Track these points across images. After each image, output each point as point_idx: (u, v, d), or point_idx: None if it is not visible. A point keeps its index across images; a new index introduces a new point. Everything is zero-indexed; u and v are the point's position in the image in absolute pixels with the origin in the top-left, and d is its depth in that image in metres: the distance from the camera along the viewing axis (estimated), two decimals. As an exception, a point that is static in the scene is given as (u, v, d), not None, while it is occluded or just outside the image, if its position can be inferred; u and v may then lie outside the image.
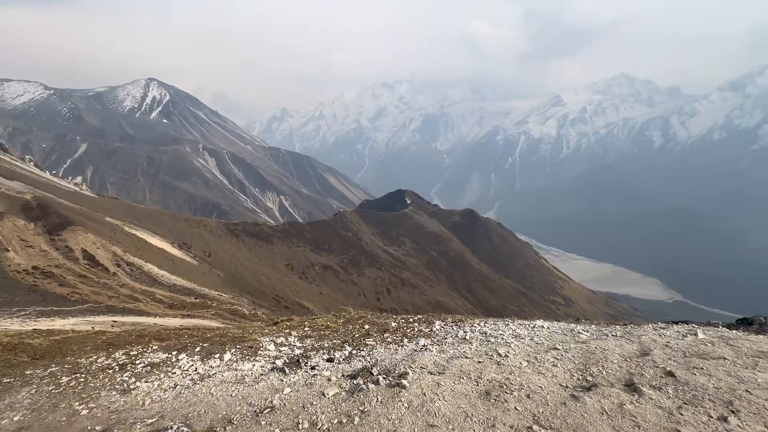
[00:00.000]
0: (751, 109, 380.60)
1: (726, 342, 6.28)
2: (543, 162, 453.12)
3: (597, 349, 5.55)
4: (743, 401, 3.82)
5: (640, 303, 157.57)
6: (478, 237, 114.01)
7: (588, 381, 4.48)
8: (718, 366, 4.84)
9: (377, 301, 72.60)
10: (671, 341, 6.18)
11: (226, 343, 7.56)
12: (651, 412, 3.68)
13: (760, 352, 5.78)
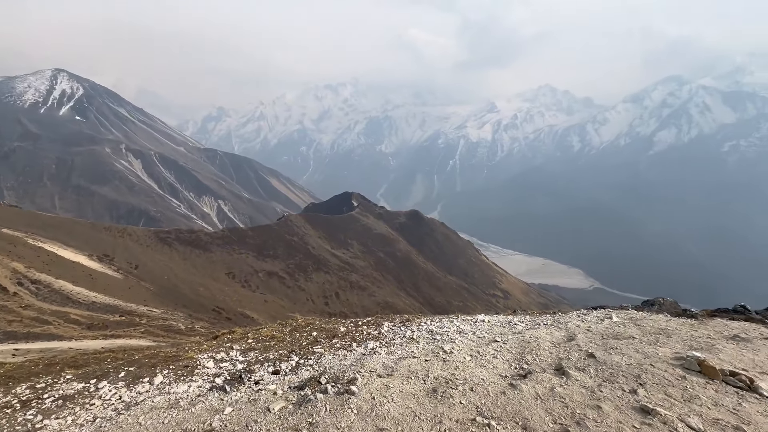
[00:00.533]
0: (648, 119, 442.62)
1: (634, 323, 7.19)
2: (481, 164, 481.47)
3: (531, 338, 6.01)
4: (648, 374, 4.40)
5: (567, 292, 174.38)
6: (424, 237, 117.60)
7: (524, 369, 4.83)
8: (629, 345, 5.51)
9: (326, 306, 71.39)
10: (592, 326, 6.92)
11: (158, 364, 6.89)
12: (576, 392, 4.08)
13: (659, 329, 6.71)
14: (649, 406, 3.68)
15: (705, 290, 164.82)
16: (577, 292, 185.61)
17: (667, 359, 4.81)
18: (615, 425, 3.47)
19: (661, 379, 4.25)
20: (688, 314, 9.36)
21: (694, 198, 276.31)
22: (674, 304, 10.91)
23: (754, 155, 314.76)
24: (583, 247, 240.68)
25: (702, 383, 4.15)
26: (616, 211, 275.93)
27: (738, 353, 5.21)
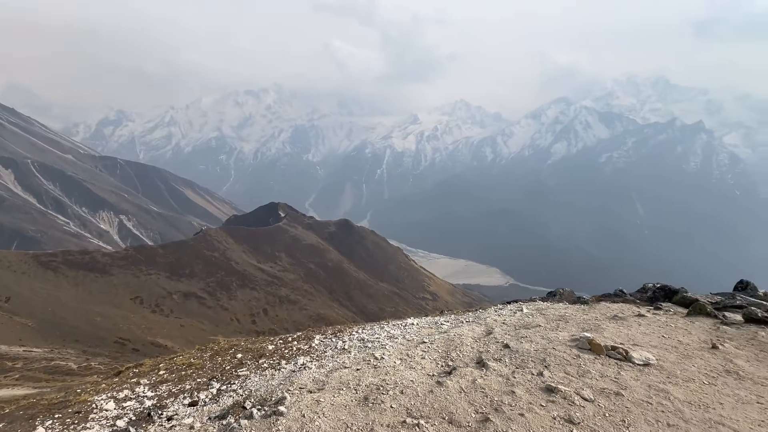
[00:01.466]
0: (545, 133, 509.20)
1: (540, 312, 8.12)
2: (407, 173, 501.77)
3: (455, 336, 6.40)
4: (551, 356, 5.00)
5: (488, 289, 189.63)
6: (354, 245, 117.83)
7: (449, 366, 5.12)
8: (536, 332, 6.21)
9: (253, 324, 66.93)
10: (507, 319, 7.63)
11: (37, 414, 5.74)
12: (494, 381, 4.46)
13: (560, 316, 7.68)
14: (553, 384, 4.18)
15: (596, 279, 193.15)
16: (496, 289, 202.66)
17: (566, 342, 5.53)
18: (526, 406, 3.86)
19: (561, 360, 4.86)
20: (582, 301, 10.87)
21: (583, 201, 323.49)
22: (571, 293, 12.56)
23: (624, 165, 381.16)
24: (499, 248, 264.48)
25: (591, 359, 4.86)
26: (525, 214, 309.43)
27: (617, 330, 6.21)
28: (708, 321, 7.08)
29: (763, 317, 7.18)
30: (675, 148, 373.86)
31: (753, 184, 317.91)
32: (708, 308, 7.79)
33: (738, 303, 8.50)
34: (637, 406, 3.79)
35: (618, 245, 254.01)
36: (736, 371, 4.55)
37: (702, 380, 4.33)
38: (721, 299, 9.28)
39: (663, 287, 11.07)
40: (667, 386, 4.15)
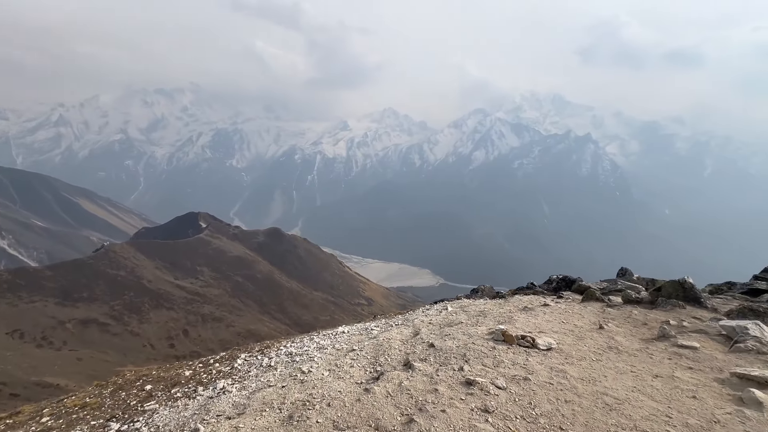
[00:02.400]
0: (466, 142, 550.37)
1: (463, 309, 8.65)
2: (339, 179, 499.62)
3: (384, 340, 6.49)
4: (471, 351, 5.34)
5: (420, 290, 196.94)
6: (286, 255, 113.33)
7: (377, 371, 5.16)
8: (459, 329, 6.59)
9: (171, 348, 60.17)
10: (433, 318, 7.98)
11: None
12: (420, 381, 4.60)
13: (480, 311, 8.28)
14: (471, 378, 4.46)
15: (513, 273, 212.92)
16: (427, 289, 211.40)
17: (484, 335, 5.96)
18: (448, 402, 4.05)
19: (479, 353, 5.21)
20: (500, 295, 11.86)
21: (501, 203, 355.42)
22: (491, 289, 13.61)
23: (532, 170, 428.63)
24: (429, 250, 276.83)
25: (505, 349, 5.30)
26: (451, 216, 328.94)
27: (526, 320, 6.89)
28: (597, 305, 8.20)
29: (636, 298, 8.58)
30: (571, 156, 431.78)
31: (628, 186, 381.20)
32: (597, 294, 9.05)
33: (618, 287, 10.04)
34: (541, 387, 4.23)
35: (530, 242, 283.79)
36: (616, 347, 5.35)
37: (591, 358, 5.00)
38: (607, 285, 10.88)
39: (564, 278, 12.61)
40: (564, 367, 4.70)
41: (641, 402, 3.87)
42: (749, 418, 3.50)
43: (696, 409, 3.71)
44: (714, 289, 10.63)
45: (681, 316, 6.93)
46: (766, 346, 4.96)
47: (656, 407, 3.77)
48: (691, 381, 4.25)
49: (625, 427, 3.51)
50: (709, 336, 5.65)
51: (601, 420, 3.63)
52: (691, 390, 4.06)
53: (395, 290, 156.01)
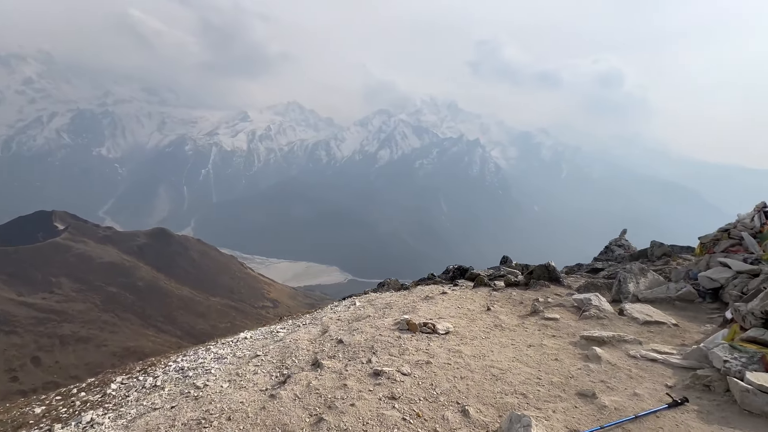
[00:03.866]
0: (372, 141, 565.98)
1: (371, 303, 8.88)
2: (238, 174, 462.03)
3: (291, 342, 6.25)
4: (378, 342, 5.52)
5: (328, 288, 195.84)
6: (175, 258, 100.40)
7: (284, 375, 4.95)
8: (367, 323, 6.74)
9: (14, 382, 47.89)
10: (342, 314, 8.00)
11: None
12: (328, 378, 4.57)
13: (386, 304, 8.61)
14: (379, 368, 4.61)
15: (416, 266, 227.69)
16: (336, 286, 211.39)
17: (390, 327, 6.22)
18: (357, 395, 4.11)
19: (386, 344, 5.42)
20: (404, 287, 12.52)
21: (404, 200, 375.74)
22: (396, 281, 14.26)
23: (431, 170, 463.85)
24: (337, 247, 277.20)
25: (409, 337, 5.63)
26: (359, 213, 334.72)
27: (428, 308, 7.43)
28: (485, 290, 9.28)
29: (515, 281, 10.00)
30: (463, 158, 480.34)
31: (508, 186, 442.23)
32: (485, 280, 10.27)
33: (501, 273, 11.55)
34: (441, 368, 4.61)
35: (431, 236, 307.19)
36: (500, 324, 6.16)
37: (481, 336, 5.65)
38: (493, 272, 12.44)
39: (459, 267, 13.95)
40: (460, 347, 5.21)
41: (519, 369, 4.53)
42: (592, 370, 4.40)
43: (558, 369, 4.50)
44: (569, 270, 13.05)
45: (547, 294, 8.34)
46: (602, 312, 6.30)
47: (530, 372, 4.46)
48: (554, 346, 5.15)
49: (507, 392, 4.06)
50: (566, 308, 6.91)
51: (489, 390, 4.13)
52: (554, 354, 4.92)
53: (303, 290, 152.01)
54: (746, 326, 4.40)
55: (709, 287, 6.72)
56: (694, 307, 6.57)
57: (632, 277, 7.68)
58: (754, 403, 3.43)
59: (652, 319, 5.83)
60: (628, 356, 4.69)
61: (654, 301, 6.89)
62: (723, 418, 3.41)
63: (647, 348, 4.86)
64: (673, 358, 4.50)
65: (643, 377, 4.18)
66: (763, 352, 3.89)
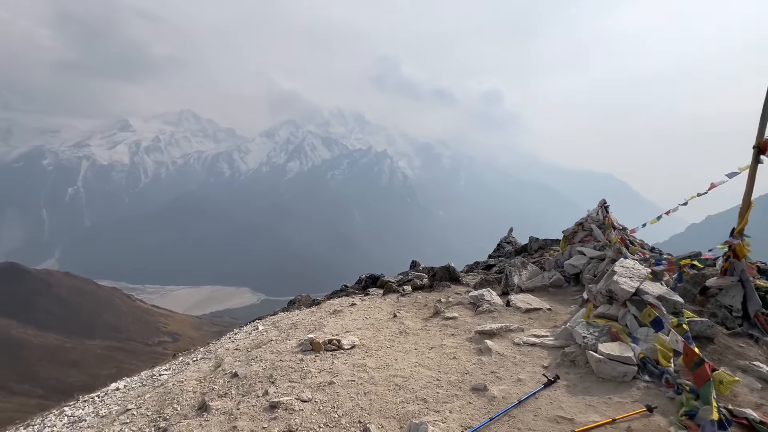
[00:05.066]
0: (280, 152, 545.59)
1: (275, 326, 8.24)
2: (120, 191, 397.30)
3: (174, 385, 5.35)
4: (278, 370, 5.07)
5: (239, 311, 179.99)
6: (33, 298, 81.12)
7: (161, 428, 4.17)
8: (267, 349, 6.18)
9: None
10: (241, 343, 7.22)
11: None
12: (216, 423, 3.98)
13: (292, 324, 8.09)
14: (276, 399, 4.19)
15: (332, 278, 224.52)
16: (248, 309, 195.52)
17: (293, 349, 5.80)
18: (249, 436, 3.64)
19: (287, 370, 5.00)
20: (315, 303, 12.04)
21: (317, 212, 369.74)
22: (308, 297, 13.65)
23: (343, 180, 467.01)
24: (247, 266, 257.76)
25: (312, 358, 5.30)
26: (269, 228, 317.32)
27: (335, 323, 7.18)
28: (394, 296, 9.41)
29: (421, 285, 10.40)
30: (373, 169, 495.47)
31: (416, 194, 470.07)
32: (394, 286, 10.45)
33: (409, 278, 11.91)
34: (344, 387, 4.41)
35: (346, 247, 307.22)
36: (405, 330, 6.25)
37: (386, 345, 5.64)
38: (402, 277, 12.77)
39: (371, 276, 14.01)
40: (365, 360, 5.09)
41: (421, 374, 4.60)
42: (485, 363, 4.70)
43: (455, 367, 4.70)
44: (469, 268, 14.17)
45: (448, 294, 8.84)
46: (493, 305, 6.89)
47: (431, 375, 4.55)
48: (453, 345, 5.39)
49: (409, 400, 4.06)
50: (464, 306, 7.39)
51: (392, 401, 4.07)
52: (453, 353, 5.14)
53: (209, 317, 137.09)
54: (597, 304, 5.21)
55: (572, 273, 7.90)
56: (562, 291, 7.64)
57: (516, 271, 8.63)
58: (605, 370, 4.03)
59: (532, 307, 6.58)
60: (513, 344, 5.15)
61: (533, 290, 7.83)
62: (585, 388, 3.92)
63: (528, 334, 5.42)
64: (548, 340, 5.09)
65: (525, 362, 4.61)
66: (610, 324, 4.64)
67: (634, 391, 3.74)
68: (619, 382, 3.93)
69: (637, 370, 3.97)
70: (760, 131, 5.10)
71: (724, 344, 4.47)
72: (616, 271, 5.19)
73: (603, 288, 5.15)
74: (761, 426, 2.95)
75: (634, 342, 4.29)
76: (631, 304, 4.75)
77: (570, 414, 3.50)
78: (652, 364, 3.96)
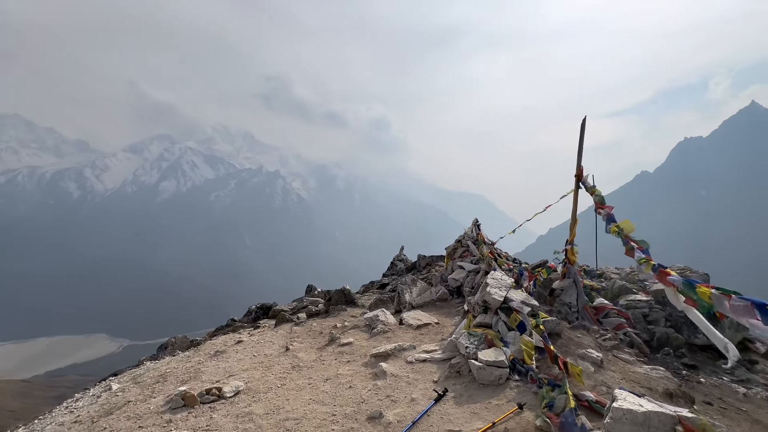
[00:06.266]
0: (150, 170, 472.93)
1: (135, 381, 6.75)
2: None
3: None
4: None
5: (90, 365, 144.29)
6: None
7: None
8: (122, 414, 4.96)
9: None
10: (83, 412, 5.65)
11: None
12: None
13: (160, 375, 6.74)
14: (130, 482, 3.33)
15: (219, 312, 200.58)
16: (104, 359, 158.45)
17: (159, 410, 4.79)
18: None
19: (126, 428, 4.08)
20: (194, 344, 10.39)
21: (200, 238, 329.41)
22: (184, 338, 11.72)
23: (230, 202, 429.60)
24: (103, 307, 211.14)
25: (185, 417, 4.46)
26: (138, 258, 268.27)
27: (216, 367, 6.26)
28: (287, 326, 8.78)
29: (316, 311, 9.98)
30: (264, 190, 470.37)
31: (311, 216, 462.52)
32: (287, 315, 9.77)
33: (305, 304, 11.36)
34: (225, 445, 3.79)
35: (235, 276, 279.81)
36: (298, 364, 5.83)
37: (277, 385, 5.13)
38: (297, 304, 12.08)
39: (262, 306, 12.87)
40: (251, 407, 4.51)
41: (315, 411, 4.28)
42: (380, 387, 4.66)
43: (351, 397, 4.53)
44: (365, 288, 14.31)
45: (344, 318, 8.68)
46: (387, 325, 7.01)
47: (326, 411, 4.28)
48: (349, 373, 5.23)
49: (302, 445, 3.70)
50: (360, 329, 7.32)
51: (282, 450, 3.65)
52: (349, 381, 4.97)
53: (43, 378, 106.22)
54: (476, 314, 5.77)
55: (454, 286, 8.66)
56: (448, 304, 8.29)
57: (407, 288, 9.04)
58: (485, 376, 4.42)
59: (422, 323, 6.92)
60: (407, 363, 5.27)
61: (423, 306, 8.29)
62: (470, 396, 4.22)
63: (420, 350, 5.64)
64: (437, 354, 5.38)
65: (417, 380, 4.75)
66: (486, 332, 5.16)
67: (508, 392, 4.17)
68: (496, 385, 4.34)
69: (509, 371, 4.47)
70: (578, 163, 6.54)
71: (568, 337, 5.41)
72: (488, 283, 5.86)
73: (479, 299, 5.74)
74: (597, 405, 3.60)
75: (505, 346, 4.84)
76: (501, 311, 5.39)
77: (458, 425, 3.69)
78: (520, 363, 4.52)
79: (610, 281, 8.47)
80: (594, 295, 7.73)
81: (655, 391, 4.16)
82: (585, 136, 6.48)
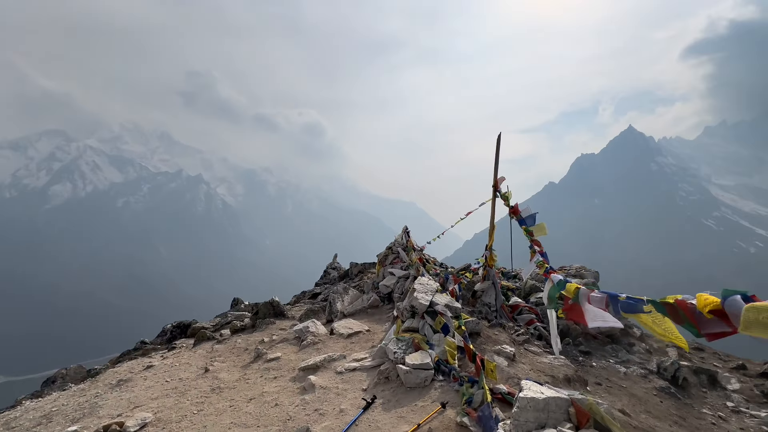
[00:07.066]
0: (37, 172, 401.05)
1: (7, 428, 5.61)
2: None
3: None
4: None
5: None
6: None
7: None
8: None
9: None
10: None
11: None
12: None
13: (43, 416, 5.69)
14: None
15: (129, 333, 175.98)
16: None
17: (39, 457, 4.03)
18: None
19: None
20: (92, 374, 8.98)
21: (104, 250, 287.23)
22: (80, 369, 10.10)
23: (142, 209, 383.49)
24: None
25: (74, 462, 3.82)
26: (15, 278, 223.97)
27: (118, 399, 5.49)
28: (208, 345, 8.07)
29: (241, 326, 9.33)
30: (185, 195, 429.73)
31: (239, 223, 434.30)
32: (208, 333, 8.97)
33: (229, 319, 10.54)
34: (125, 489, 3.32)
35: (148, 290, 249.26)
36: (219, 386, 5.39)
37: (193, 411, 4.68)
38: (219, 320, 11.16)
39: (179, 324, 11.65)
40: (160, 440, 4.04)
41: (236, 436, 3.99)
42: (308, 401, 4.53)
43: (277, 415, 4.32)
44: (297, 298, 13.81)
45: (272, 332, 8.27)
46: (317, 336, 6.85)
47: (248, 434, 4.01)
48: (275, 391, 4.99)
49: (220, 474, 3.42)
50: (289, 342, 7.04)
51: (197, 484, 3.33)
52: (275, 399, 4.74)
53: None
54: (404, 319, 5.94)
55: (385, 293, 8.82)
56: (379, 311, 8.40)
57: (339, 297, 8.96)
58: (411, 379, 4.56)
59: (353, 331, 6.90)
60: (336, 374, 5.20)
61: (355, 314, 8.29)
62: (397, 401, 4.31)
63: (350, 360, 5.61)
64: (367, 362, 5.40)
65: (346, 390, 4.71)
66: (413, 336, 5.34)
67: (432, 392, 4.36)
68: (422, 387, 4.51)
69: (434, 372, 4.67)
70: (494, 174, 7.18)
71: (486, 335, 5.86)
72: (415, 288, 6.09)
73: (407, 304, 5.93)
74: (509, 396, 3.94)
75: (431, 348, 5.06)
76: (427, 315, 5.63)
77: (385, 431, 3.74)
78: (444, 364, 4.75)
79: (522, 281, 9.39)
80: (510, 295, 8.51)
81: (556, 378, 4.69)
82: (501, 150, 7.15)
